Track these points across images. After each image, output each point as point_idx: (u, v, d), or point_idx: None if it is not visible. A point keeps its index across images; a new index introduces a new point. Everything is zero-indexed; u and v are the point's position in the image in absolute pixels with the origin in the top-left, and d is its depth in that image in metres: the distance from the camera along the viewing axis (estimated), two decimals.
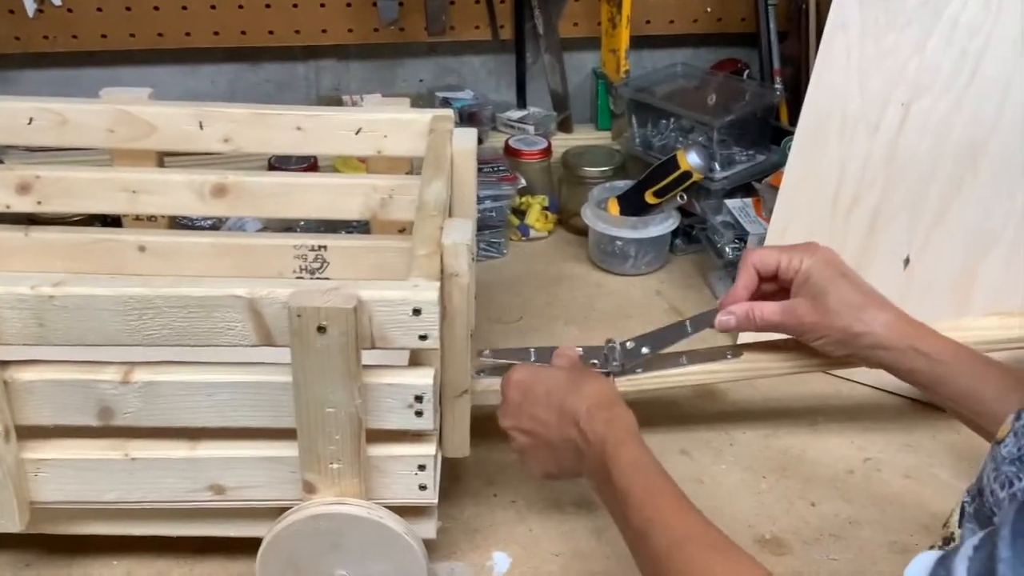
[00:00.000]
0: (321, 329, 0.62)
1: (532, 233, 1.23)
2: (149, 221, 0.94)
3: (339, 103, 1.29)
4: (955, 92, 0.94)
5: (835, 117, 0.98)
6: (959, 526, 0.54)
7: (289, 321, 0.62)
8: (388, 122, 0.90)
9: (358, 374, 0.64)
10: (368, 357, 0.65)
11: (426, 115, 0.89)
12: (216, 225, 1.09)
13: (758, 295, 0.82)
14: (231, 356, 0.66)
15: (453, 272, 0.69)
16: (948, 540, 0.55)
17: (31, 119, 0.88)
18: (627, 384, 0.85)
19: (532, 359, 0.85)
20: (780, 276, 0.80)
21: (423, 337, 0.64)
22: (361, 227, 1.06)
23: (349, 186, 0.92)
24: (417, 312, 0.63)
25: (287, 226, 1.08)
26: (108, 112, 0.88)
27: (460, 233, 0.70)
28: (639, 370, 0.85)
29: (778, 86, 1.25)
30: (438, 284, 0.64)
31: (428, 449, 0.69)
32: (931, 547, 0.55)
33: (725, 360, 0.86)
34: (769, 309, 0.80)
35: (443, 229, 0.70)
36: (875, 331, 0.75)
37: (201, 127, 0.89)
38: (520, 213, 1.23)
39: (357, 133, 0.90)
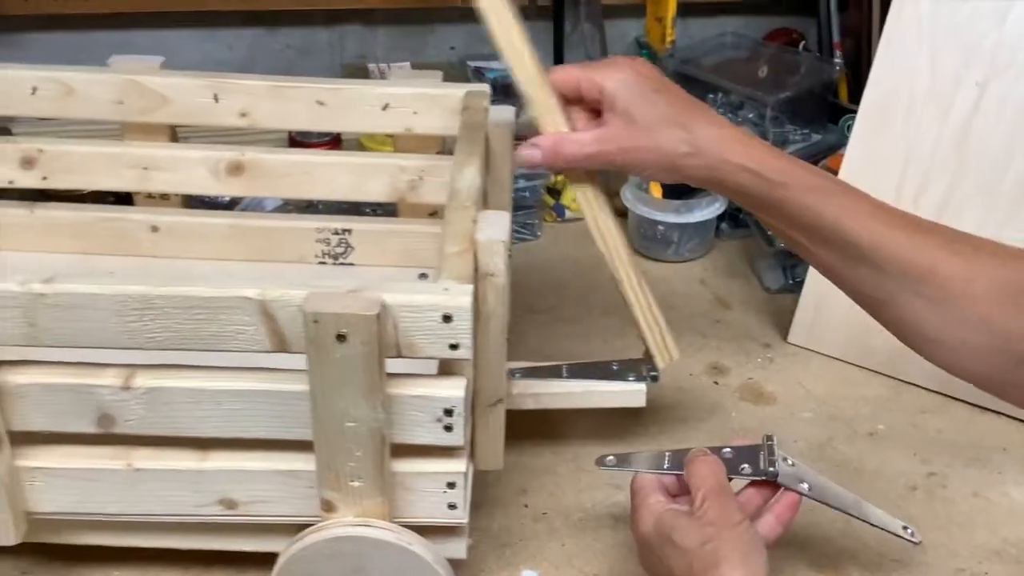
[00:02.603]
0: (341, 337, 0.55)
1: (568, 214, 1.16)
2: (162, 200, 0.88)
3: (365, 72, 1.22)
4: None
5: (902, 96, 0.90)
6: None
7: (305, 328, 0.56)
8: (418, 97, 0.83)
9: (381, 385, 0.58)
10: (392, 364, 0.58)
11: (459, 90, 0.82)
12: (232, 204, 1.02)
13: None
14: (242, 360, 0.60)
15: (488, 272, 0.62)
16: None
17: (35, 88, 0.82)
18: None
19: (666, 466, 0.67)
20: (585, 98, 0.69)
21: (454, 346, 0.58)
22: (385, 209, 0.99)
23: (375, 166, 0.85)
24: (448, 319, 0.57)
25: (307, 206, 1.02)
26: (117, 82, 0.82)
27: (496, 228, 0.63)
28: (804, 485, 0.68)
29: (837, 60, 1.16)
30: (471, 288, 0.58)
31: (458, 465, 0.63)
32: None
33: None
34: (578, 137, 0.69)
35: (477, 222, 0.64)
36: (702, 148, 0.66)
37: (216, 100, 0.82)
38: (555, 193, 1.16)
39: (384, 109, 0.83)
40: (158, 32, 1.19)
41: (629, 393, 0.77)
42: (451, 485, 0.63)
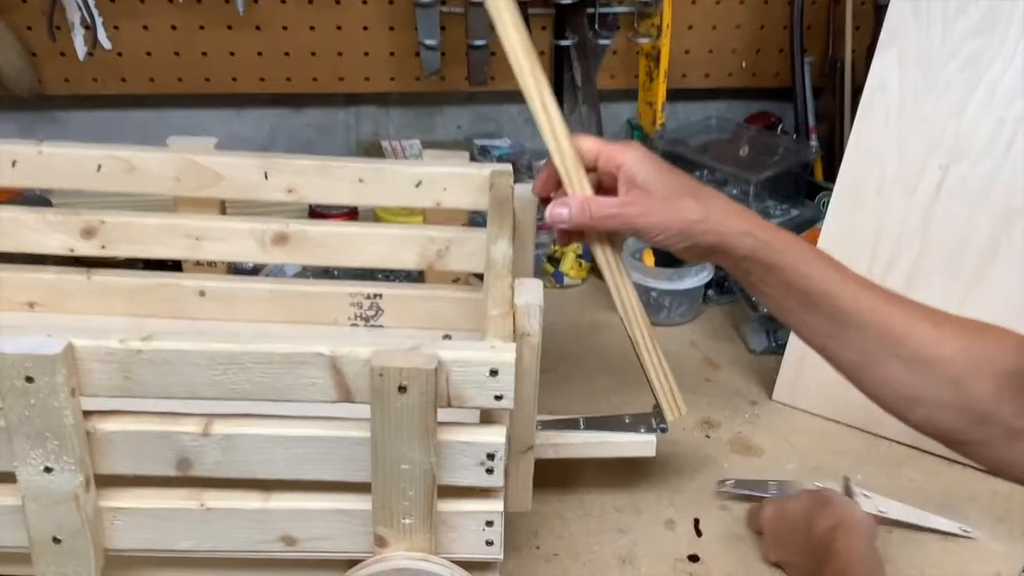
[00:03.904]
0: (402, 389, 0.63)
1: (566, 281, 1.25)
2: (209, 266, 0.96)
3: (378, 148, 1.31)
4: (993, 158, 0.96)
5: (873, 178, 1.00)
6: None
7: (370, 380, 0.64)
8: (448, 176, 0.92)
9: (434, 432, 0.66)
10: (440, 412, 0.66)
11: (485, 169, 0.92)
12: (257, 269, 1.10)
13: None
14: (307, 409, 0.67)
15: (525, 332, 0.71)
16: None
17: (99, 165, 0.90)
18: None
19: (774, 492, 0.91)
20: (600, 168, 0.77)
21: (499, 397, 0.66)
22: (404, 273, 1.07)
23: (407, 237, 0.94)
24: (494, 373, 0.65)
25: (324, 271, 1.09)
26: (176, 160, 0.90)
27: (532, 294, 0.72)
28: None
29: (813, 143, 1.28)
30: (514, 346, 0.66)
31: (496, 505, 0.71)
32: None
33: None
34: (604, 200, 0.75)
35: (514, 289, 0.72)
36: (712, 216, 0.73)
37: (266, 177, 0.91)
38: (555, 261, 1.25)
39: (417, 186, 0.92)
40: (189, 111, 1.27)
41: (640, 444, 0.85)
42: (489, 523, 0.71)
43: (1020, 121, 0.96)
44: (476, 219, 0.99)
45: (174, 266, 0.98)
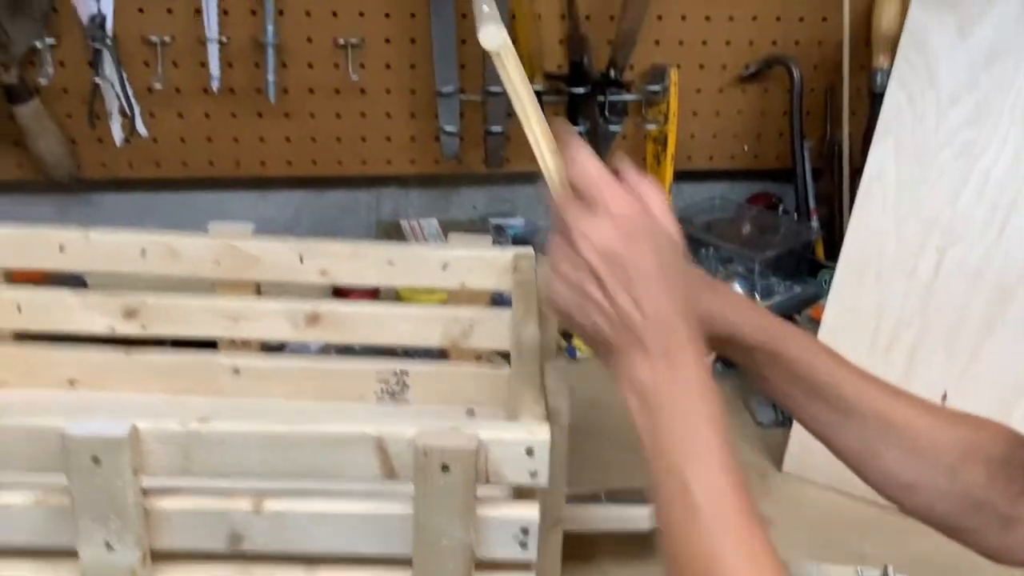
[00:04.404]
0: (445, 468, 0.67)
1: (578, 355, 1.29)
2: (243, 345, 1.00)
3: (398, 227, 1.37)
4: (987, 242, 1.01)
5: (873, 260, 1.05)
6: None
7: (414, 459, 0.67)
8: (472, 259, 0.97)
9: (474, 508, 0.69)
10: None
11: (508, 252, 0.97)
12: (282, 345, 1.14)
13: None
14: (350, 486, 0.71)
15: (555, 412, 0.75)
16: None
17: (144, 250, 0.95)
18: None
19: None
20: None
21: (534, 474, 0.70)
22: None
23: (433, 316, 0.99)
24: (530, 452, 0.69)
25: (344, 348, 1.13)
26: (216, 246, 0.95)
27: (561, 376, 0.76)
28: None
29: (814, 224, 1.34)
30: (549, 426, 0.70)
31: None
32: None
33: None
34: None
35: (544, 371, 0.77)
36: (725, 308, 0.75)
37: (301, 261, 0.96)
38: (567, 336, 1.29)
39: (444, 268, 0.97)
40: (215, 193, 1.32)
41: None
42: None
43: (1012, 206, 1.01)
44: (498, 298, 1.04)
45: (210, 344, 1.02)
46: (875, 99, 1.28)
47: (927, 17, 1.05)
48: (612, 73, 1.29)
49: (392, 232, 1.36)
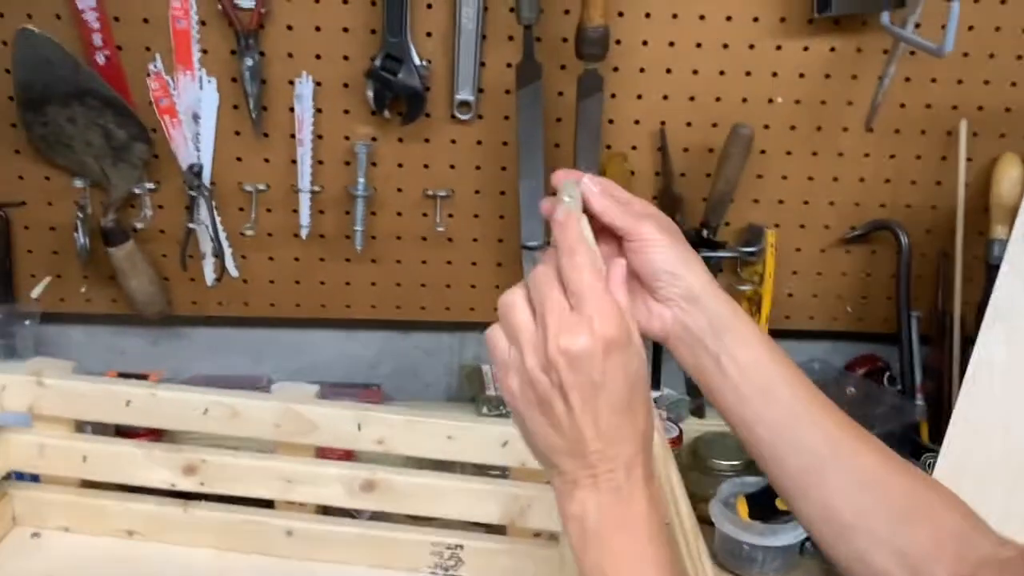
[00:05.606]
0: None
1: None
2: (299, 506, 0.99)
3: (479, 372, 1.35)
4: None
5: (978, 455, 0.97)
6: None
7: None
8: None
9: None
10: None
11: None
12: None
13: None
14: None
15: None
16: None
17: (206, 409, 0.95)
18: None
19: None
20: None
21: None
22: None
23: (491, 492, 0.95)
24: None
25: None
26: (277, 409, 0.95)
27: None
28: None
29: (919, 402, 1.24)
30: None
31: None
32: None
33: None
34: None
35: None
36: (693, 286, 0.66)
37: (359, 428, 0.94)
38: None
39: (504, 445, 0.94)
40: (304, 331, 1.34)
41: None
42: None
43: None
44: None
45: (267, 503, 1.02)
46: (991, 270, 1.20)
47: None
48: (705, 233, 1.25)
49: (474, 376, 1.34)
